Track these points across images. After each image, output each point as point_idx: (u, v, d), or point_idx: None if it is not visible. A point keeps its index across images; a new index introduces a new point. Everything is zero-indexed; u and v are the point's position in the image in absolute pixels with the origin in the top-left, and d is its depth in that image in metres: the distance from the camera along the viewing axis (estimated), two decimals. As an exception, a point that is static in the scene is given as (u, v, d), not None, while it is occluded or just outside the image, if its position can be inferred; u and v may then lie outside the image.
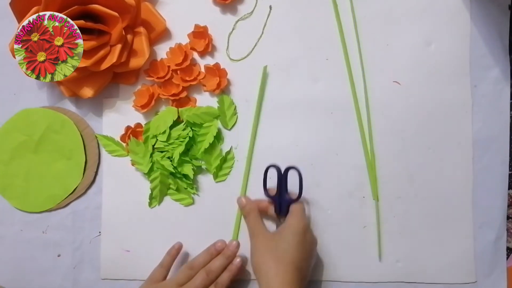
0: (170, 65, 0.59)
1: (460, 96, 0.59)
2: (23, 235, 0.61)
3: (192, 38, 0.60)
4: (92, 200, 0.61)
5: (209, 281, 0.53)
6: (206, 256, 0.55)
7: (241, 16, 0.61)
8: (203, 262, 0.55)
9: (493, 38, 0.60)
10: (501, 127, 0.59)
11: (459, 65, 0.59)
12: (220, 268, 0.54)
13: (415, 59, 0.60)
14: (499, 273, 0.58)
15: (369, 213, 0.59)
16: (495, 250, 0.59)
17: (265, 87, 0.60)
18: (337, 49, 0.60)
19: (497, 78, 0.59)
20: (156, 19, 0.59)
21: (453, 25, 0.60)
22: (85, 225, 0.61)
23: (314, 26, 0.60)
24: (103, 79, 0.58)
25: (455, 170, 0.59)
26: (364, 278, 0.59)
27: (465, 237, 0.59)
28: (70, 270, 0.61)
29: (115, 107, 0.61)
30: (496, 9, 0.60)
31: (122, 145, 0.60)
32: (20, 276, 0.61)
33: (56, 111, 0.60)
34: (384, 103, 0.60)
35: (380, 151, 0.59)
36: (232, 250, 0.55)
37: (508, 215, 0.59)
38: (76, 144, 0.60)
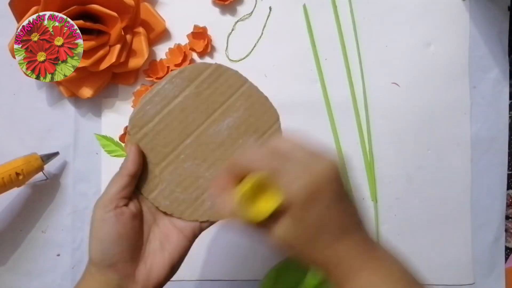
0: (169, 65, 0.59)
1: (459, 97, 0.59)
2: (22, 235, 0.61)
3: (191, 38, 0.60)
4: (92, 201, 0.61)
5: None
6: None
7: (241, 17, 0.61)
8: None
9: (492, 39, 0.60)
10: (500, 128, 0.59)
11: (458, 66, 0.59)
12: None
13: (414, 60, 0.60)
14: (498, 274, 0.58)
15: (367, 214, 0.59)
16: (494, 251, 0.58)
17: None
18: (336, 50, 0.60)
19: (497, 79, 0.59)
20: (156, 19, 0.59)
21: (452, 26, 0.60)
22: (85, 225, 0.61)
23: (313, 27, 0.60)
24: (102, 79, 0.58)
25: (454, 171, 0.59)
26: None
27: (463, 238, 0.59)
28: (69, 270, 0.61)
29: (114, 107, 0.61)
30: (495, 10, 0.60)
31: (122, 145, 0.60)
32: (20, 276, 0.61)
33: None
34: (383, 104, 0.59)
35: (379, 152, 0.59)
36: None
37: (508, 215, 0.59)
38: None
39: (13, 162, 0.56)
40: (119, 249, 0.38)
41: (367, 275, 0.35)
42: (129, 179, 0.39)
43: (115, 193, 0.39)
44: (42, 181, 0.61)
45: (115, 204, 0.39)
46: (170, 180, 0.40)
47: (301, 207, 0.33)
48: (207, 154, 0.40)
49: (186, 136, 0.40)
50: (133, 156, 0.40)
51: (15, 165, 0.56)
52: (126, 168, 0.40)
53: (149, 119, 0.40)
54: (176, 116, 0.40)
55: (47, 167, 0.59)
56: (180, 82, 0.40)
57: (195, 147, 0.40)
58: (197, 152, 0.40)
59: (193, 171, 0.40)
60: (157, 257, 0.40)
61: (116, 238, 0.38)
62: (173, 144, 0.40)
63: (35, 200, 0.61)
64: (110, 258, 0.38)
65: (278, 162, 0.34)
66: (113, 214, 0.38)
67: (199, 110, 0.40)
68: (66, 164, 0.61)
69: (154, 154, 0.40)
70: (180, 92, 0.40)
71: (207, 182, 0.40)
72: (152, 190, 0.40)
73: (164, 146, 0.40)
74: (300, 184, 0.33)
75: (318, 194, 0.33)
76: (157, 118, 0.40)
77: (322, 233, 0.34)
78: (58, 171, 0.61)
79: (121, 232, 0.38)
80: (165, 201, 0.40)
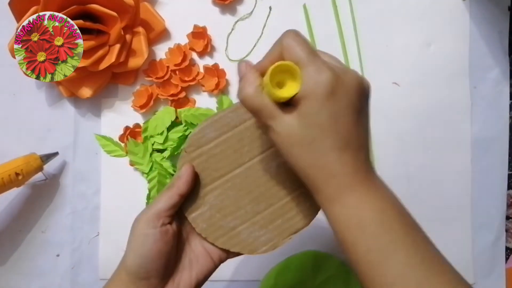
0: (169, 65, 0.59)
1: (459, 97, 0.59)
2: (22, 235, 0.61)
3: (191, 38, 0.60)
4: (91, 201, 0.61)
5: None
6: None
7: (241, 17, 0.61)
8: None
9: (493, 39, 0.59)
10: (500, 128, 0.59)
11: (458, 66, 0.59)
12: None
13: (414, 60, 0.60)
14: (498, 275, 0.58)
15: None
16: (494, 251, 0.58)
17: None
18: (336, 50, 0.60)
19: (497, 79, 0.59)
20: (155, 19, 0.59)
21: (452, 26, 0.60)
22: (84, 225, 0.61)
23: (313, 27, 0.60)
24: (101, 79, 0.58)
25: (454, 171, 0.59)
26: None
27: (463, 238, 0.58)
28: (69, 270, 0.61)
29: (113, 107, 0.61)
30: (496, 9, 0.60)
31: (121, 146, 0.60)
32: (19, 276, 0.61)
33: None
34: (383, 104, 0.59)
35: (379, 152, 0.59)
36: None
37: (508, 215, 0.59)
38: None
39: (13, 162, 0.56)
40: (156, 265, 0.38)
41: (358, 195, 0.33)
42: (179, 198, 0.39)
43: (163, 210, 0.39)
44: (42, 181, 0.60)
45: (162, 222, 0.39)
46: (212, 205, 0.41)
47: (316, 101, 0.31)
48: (252, 188, 0.41)
49: (237, 166, 0.41)
50: (187, 177, 0.39)
51: (15, 165, 0.56)
52: (178, 188, 0.39)
53: (206, 141, 0.40)
54: (232, 145, 0.41)
55: (47, 167, 0.59)
56: (243, 113, 0.40)
57: (243, 178, 0.41)
58: (243, 183, 0.41)
59: (236, 200, 0.41)
60: (184, 275, 0.40)
61: (156, 255, 0.38)
62: (223, 170, 0.41)
63: (35, 200, 0.61)
64: (146, 272, 0.38)
65: (308, 54, 0.32)
66: (158, 231, 0.38)
67: (255, 144, 0.41)
68: (65, 164, 0.61)
69: (204, 176, 0.41)
70: (241, 123, 0.40)
71: (247, 215, 0.41)
72: (194, 211, 0.41)
73: (215, 170, 0.41)
74: (322, 78, 0.31)
75: (339, 92, 0.32)
76: (214, 142, 0.40)
77: (326, 137, 0.32)
78: (58, 171, 0.61)
79: (162, 250, 0.38)
80: (203, 223, 0.41)
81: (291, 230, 0.41)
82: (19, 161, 0.56)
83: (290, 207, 0.41)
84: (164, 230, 0.39)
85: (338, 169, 0.33)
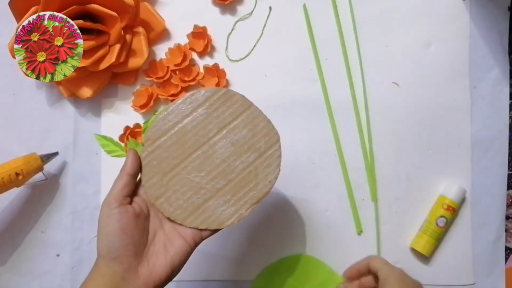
0: (169, 65, 0.59)
1: (459, 97, 0.59)
2: (22, 235, 0.61)
3: (191, 38, 0.60)
4: (91, 201, 0.61)
5: None
6: None
7: (241, 17, 0.61)
8: None
9: (492, 39, 0.60)
10: (500, 128, 0.59)
11: (458, 66, 0.59)
12: None
13: (414, 60, 0.60)
14: (498, 274, 0.58)
15: (368, 214, 0.59)
16: (494, 251, 0.58)
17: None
18: (336, 50, 0.60)
19: (497, 79, 0.59)
20: (155, 19, 0.59)
21: (452, 26, 0.60)
22: (84, 225, 0.61)
23: (313, 27, 0.60)
24: (102, 79, 0.58)
25: (454, 171, 0.59)
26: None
27: (463, 238, 0.59)
28: (69, 270, 0.61)
29: (114, 107, 0.61)
30: (496, 10, 0.60)
31: (121, 145, 0.60)
32: (19, 276, 0.61)
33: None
34: (383, 104, 0.59)
35: (379, 152, 0.59)
36: None
37: (508, 215, 0.59)
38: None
39: (13, 162, 0.56)
40: (123, 243, 0.41)
41: None
42: (128, 178, 0.44)
43: (117, 191, 0.43)
44: (42, 181, 0.60)
45: (119, 202, 0.43)
46: (175, 189, 0.44)
47: (396, 279, 0.50)
48: (211, 168, 0.44)
49: (193, 151, 0.44)
50: (131, 157, 0.44)
51: (15, 165, 0.56)
52: (125, 169, 0.44)
53: (162, 133, 0.44)
54: (186, 133, 0.44)
55: (47, 167, 0.59)
56: (192, 103, 0.44)
57: (201, 161, 0.44)
58: (202, 165, 0.44)
59: (197, 182, 0.44)
60: (159, 258, 0.43)
61: (120, 233, 0.41)
62: (181, 157, 0.44)
63: (35, 200, 0.61)
64: (115, 251, 0.41)
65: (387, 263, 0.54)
66: (117, 211, 0.42)
67: (207, 128, 0.44)
68: (65, 164, 0.61)
69: (164, 165, 0.44)
70: (191, 112, 0.44)
71: (209, 193, 0.44)
72: (159, 197, 0.44)
73: (173, 158, 0.44)
74: (396, 270, 0.52)
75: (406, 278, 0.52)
76: (169, 133, 0.44)
77: None
78: (58, 171, 0.61)
79: (125, 227, 0.42)
80: (170, 207, 0.44)
81: (253, 200, 0.44)
82: (19, 161, 0.56)
83: (249, 179, 0.44)
84: (123, 209, 0.42)
85: None
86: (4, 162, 0.56)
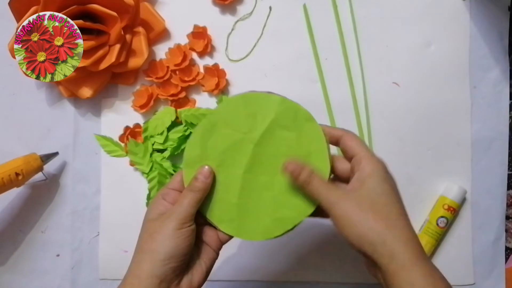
0: (169, 65, 0.59)
1: (459, 97, 0.59)
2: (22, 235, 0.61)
3: (191, 38, 0.60)
4: (91, 201, 0.61)
5: None
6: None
7: (241, 17, 0.61)
8: None
9: (493, 39, 0.59)
10: (500, 128, 0.59)
11: (458, 66, 0.59)
12: None
13: (414, 60, 0.60)
14: (498, 275, 0.58)
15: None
16: (494, 251, 0.58)
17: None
18: (336, 50, 0.60)
19: (497, 79, 0.59)
20: (155, 19, 0.59)
21: (452, 26, 0.60)
22: (84, 225, 0.61)
23: (313, 27, 0.60)
24: (101, 79, 0.58)
25: (454, 171, 0.59)
26: (363, 279, 0.59)
27: (463, 238, 0.58)
28: (69, 270, 0.61)
29: (113, 107, 0.61)
30: (496, 9, 0.60)
31: (121, 146, 0.60)
32: (19, 276, 0.61)
33: (284, 98, 0.44)
34: (383, 104, 0.59)
35: (379, 152, 0.59)
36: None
37: (508, 215, 0.59)
38: (318, 145, 0.43)
39: (13, 162, 0.56)
40: (179, 263, 0.40)
41: (430, 265, 0.38)
42: (203, 194, 0.42)
43: (192, 208, 0.41)
44: (42, 181, 0.60)
45: (192, 221, 0.41)
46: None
47: (378, 177, 0.40)
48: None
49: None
50: (206, 172, 0.42)
51: (15, 165, 0.55)
52: (199, 187, 0.42)
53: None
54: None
55: (47, 167, 0.59)
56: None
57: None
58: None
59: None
60: (197, 267, 0.42)
61: (185, 253, 0.40)
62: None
63: (35, 200, 0.61)
64: (170, 272, 0.40)
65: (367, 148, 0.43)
66: (188, 230, 0.40)
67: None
68: (65, 164, 0.61)
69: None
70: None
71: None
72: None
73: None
74: (380, 163, 0.42)
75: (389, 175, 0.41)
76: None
77: (394, 202, 0.40)
78: (58, 171, 0.61)
79: (189, 247, 0.40)
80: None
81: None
82: (19, 161, 0.56)
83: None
84: (194, 228, 0.41)
85: (411, 234, 0.38)
86: (4, 162, 0.56)
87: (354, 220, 0.38)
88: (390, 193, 0.40)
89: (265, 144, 0.43)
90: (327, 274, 0.59)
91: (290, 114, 0.43)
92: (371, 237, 0.37)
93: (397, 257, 0.37)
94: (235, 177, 0.43)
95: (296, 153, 0.42)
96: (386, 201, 0.39)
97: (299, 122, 0.43)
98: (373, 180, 0.39)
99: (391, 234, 0.37)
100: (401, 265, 0.37)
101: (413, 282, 0.36)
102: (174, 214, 0.40)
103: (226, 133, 0.43)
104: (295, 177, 0.41)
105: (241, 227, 0.43)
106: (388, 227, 0.38)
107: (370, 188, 0.39)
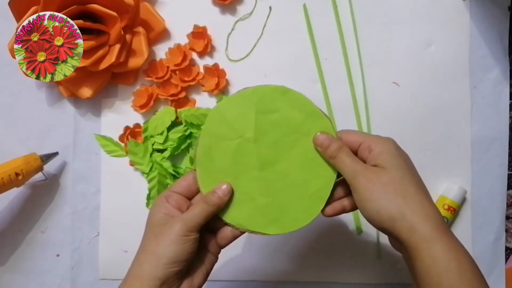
0: (169, 65, 0.59)
1: (459, 97, 0.59)
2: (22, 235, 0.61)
3: (191, 38, 0.60)
4: (91, 201, 0.61)
5: None
6: None
7: (241, 17, 0.61)
8: None
9: (493, 39, 0.59)
10: (500, 128, 0.59)
11: (458, 66, 0.59)
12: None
13: (414, 60, 0.60)
14: (498, 275, 0.58)
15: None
16: (494, 251, 0.58)
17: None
18: (336, 50, 0.60)
19: (497, 79, 0.59)
20: (155, 19, 0.59)
21: (452, 26, 0.60)
22: (84, 225, 0.61)
23: (313, 27, 0.60)
24: (101, 79, 0.58)
25: (454, 171, 0.59)
26: (363, 279, 0.59)
27: (463, 238, 0.58)
28: (69, 270, 0.61)
29: (113, 107, 0.61)
30: (496, 10, 0.60)
31: (121, 146, 0.60)
32: (20, 276, 0.61)
33: (256, 86, 0.44)
34: (383, 104, 0.59)
35: (379, 152, 0.59)
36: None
37: (508, 215, 0.59)
38: (309, 107, 0.43)
39: (13, 162, 0.56)
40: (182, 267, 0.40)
41: (453, 238, 0.38)
42: (216, 209, 0.42)
43: (202, 219, 0.41)
44: (42, 181, 0.60)
45: (198, 231, 0.41)
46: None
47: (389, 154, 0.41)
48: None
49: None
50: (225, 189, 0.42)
51: (15, 165, 0.55)
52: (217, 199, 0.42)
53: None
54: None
55: (47, 167, 0.59)
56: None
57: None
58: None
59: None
60: (198, 270, 0.42)
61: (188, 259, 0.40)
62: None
63: (35, 200, 0.61)
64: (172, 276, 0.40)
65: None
66: (194, 238, 0.40)
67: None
68: (65, 164, 0.61)
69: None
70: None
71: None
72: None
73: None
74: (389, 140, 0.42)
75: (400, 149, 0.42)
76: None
77: (410, 176, 0.40)
78: (58, 171, 0.61)
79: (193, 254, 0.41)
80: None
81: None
82: (19, 161, 0.56)
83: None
84: (198, 237, 0.41)
85: (431, 208, 0.38)
86: (4, 162, 0.56)
87: (374, 194, 0.38)
88: (405, 168, 0.40)
89: (262, 135, 0.43)
90: (327, 274, 0.59)
91: (267, 98, 0.43)
92: (390, 212, 0.37)
93: (417, 231, 0.36)
94: (253, 180, 0.43)
95: (293, 124, 0.43)
96: (402, 176, 0.39)
97: (279, 100, 0.43)
98: (385, 158, 0.40)
99: (409, 208, 0.37)
100: (421, 239, 0.36)
101: (435, 256, 0.36)
102: (183, 221, 0.40)
103: (225, 145, 0.43)
104: (325, 148, 0.42)
105: (287, 221, 0.43)
106: (406, 201, 0.38)
107: (384, 166, 0.39)
